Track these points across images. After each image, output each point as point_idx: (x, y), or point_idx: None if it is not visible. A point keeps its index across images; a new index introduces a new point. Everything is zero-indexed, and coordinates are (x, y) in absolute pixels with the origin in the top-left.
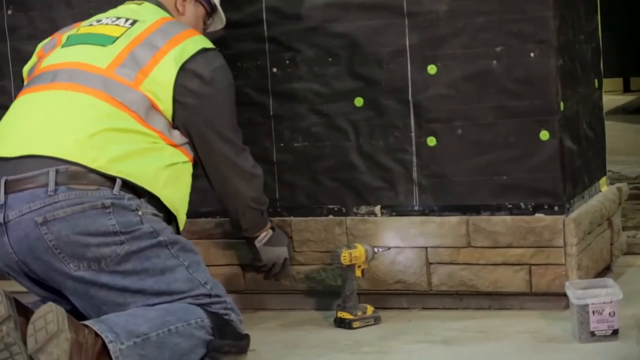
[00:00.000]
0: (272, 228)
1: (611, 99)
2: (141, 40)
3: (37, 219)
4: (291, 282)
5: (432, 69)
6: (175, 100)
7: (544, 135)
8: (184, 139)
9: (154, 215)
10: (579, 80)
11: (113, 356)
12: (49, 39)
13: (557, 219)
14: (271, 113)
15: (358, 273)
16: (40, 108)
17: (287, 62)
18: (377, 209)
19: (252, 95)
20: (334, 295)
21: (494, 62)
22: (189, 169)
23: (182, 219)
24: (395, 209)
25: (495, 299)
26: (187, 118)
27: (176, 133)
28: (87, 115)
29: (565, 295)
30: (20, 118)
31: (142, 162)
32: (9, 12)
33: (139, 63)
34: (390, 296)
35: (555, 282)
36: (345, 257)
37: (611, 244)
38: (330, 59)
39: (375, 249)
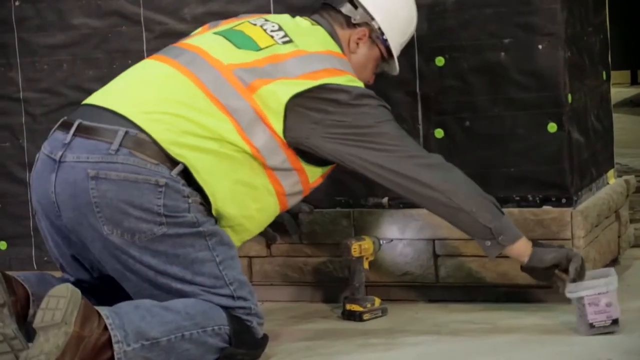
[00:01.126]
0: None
1: (619, 92)
2: (277, 60)
3: (89, 172)
4: (298, 274)
5: (439, 61)
6: (293, 111)
7: (552, 127)
8: (287, 166)
9: (202, 204)
10: (587, 72)
11: (116, 357)
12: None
13: (564, 212)
14: None
15: (365, 265)
16: (148, 75)
17: None
18: (385, 200)
19: None
20: (340, 287)
21: (502, 54)
22: (271, 203)
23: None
24: (403, 201)
25: (502, 292)
26: (316, 131)
27: (279, 158)
28: (181, 98)
29: None
30: (127, 76)
31: (212, 161)
32: (17, 3)
33: (262, 75)
34: (397, 288)
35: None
36: (355, 249)
37: (619, 237)
38: None
39: (381, 241)
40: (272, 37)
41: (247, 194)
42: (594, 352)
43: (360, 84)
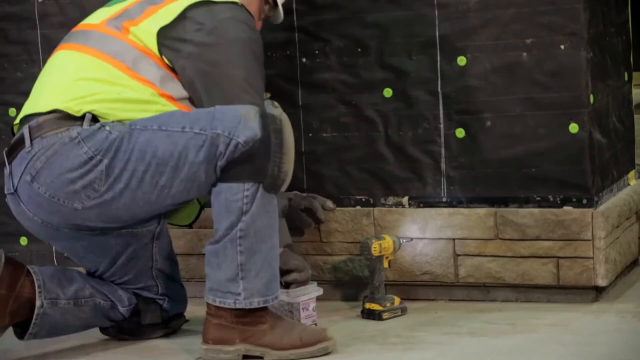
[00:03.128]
0: None
1: (639, 93)
2: None
3: (26, 178)
4: (318, 273)
5: (461, 61)
6: (164, 46)
7: (574, 128)
8: (185, 94)
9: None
10: (609, 73)
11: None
12: None
13: (585, 212)
14: (300, 103)
15: (385, 264)
16: (47, 69)
17: (317, 52)
18: (405, 200)
19: (281, 85)
20: (360, 286)
21: (524, 54)
22: None
23: None
24: (423, 200)
25: (522, 292)
26: (186, 64)
27: (174, 85)
28: (68, 69)
29: (593, 288)
30: (38, 80)
31: (120, 108)
32: (40, 0)
33: (131, 16)
34: (417, 287)
35: (582, 275)
36: (375, 248)
37: (639, 238)
38: (359, 50)
39: (401, 240)
40: None
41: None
42: (614, 353)
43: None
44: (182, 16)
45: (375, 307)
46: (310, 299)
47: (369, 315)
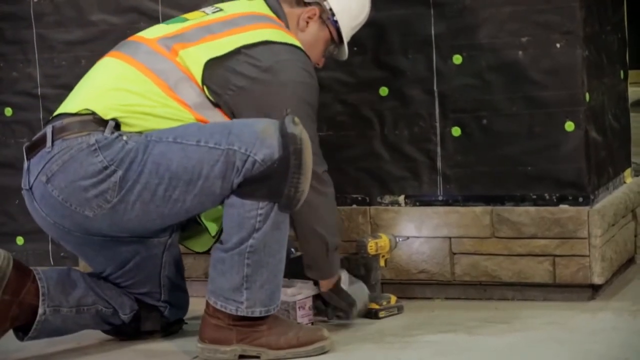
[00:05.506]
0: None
1: (635, 91)
2: (202, 25)
3: (42, 179)
4: None
5: (457, 59)
6: (210, 77)
7: (569, 126)
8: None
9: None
10: (605, 71)
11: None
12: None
13: (581, 210)
14: None
15: (382, 263)
16: (90, 74)
17: None
18: (401, 198)
19: None
20: None
21: (520, 52)
22: None
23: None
24: (419, 199)
25: (518, 290)
26: (235, 98)
27: (211, 113)
28: (109, 77)
29: (589, 286)
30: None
31: (150, 120)
32: None
33: (184, 39)
34: (413, 286)
35: (579, 273)
36: (371, 246)
37: (635, 236)
38: (355, 48)
39: (397, 239)
40: (204, 12)
41: None
42: (611, 351)
43: (293, 42)
44: (237, 51)
45: (372, 305)
46: (306, 298)
47: (366, 314)
